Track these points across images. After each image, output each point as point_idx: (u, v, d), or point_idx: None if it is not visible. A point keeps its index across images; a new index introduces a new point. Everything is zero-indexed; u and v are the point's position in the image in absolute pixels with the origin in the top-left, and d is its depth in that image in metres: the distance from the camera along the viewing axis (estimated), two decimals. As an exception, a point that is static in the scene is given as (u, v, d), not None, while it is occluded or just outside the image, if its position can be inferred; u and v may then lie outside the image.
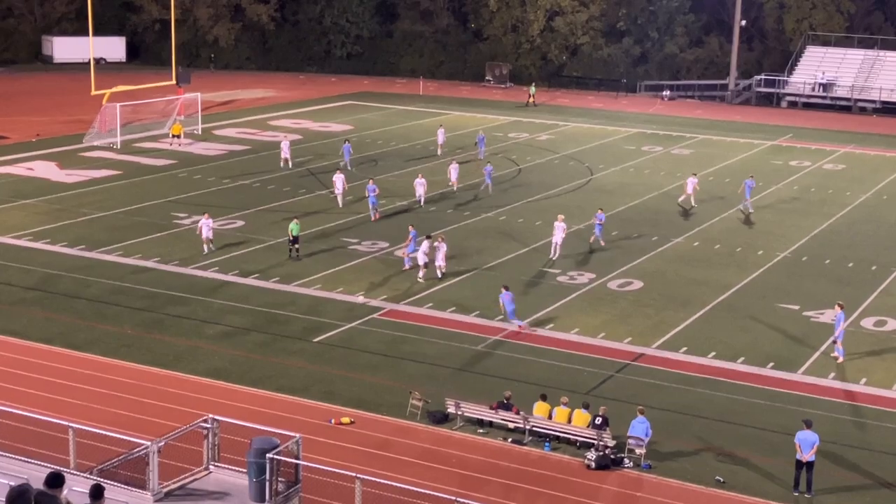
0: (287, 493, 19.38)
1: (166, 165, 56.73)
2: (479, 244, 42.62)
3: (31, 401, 26.22)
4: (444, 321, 34.13)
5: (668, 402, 28.45)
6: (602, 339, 32.93)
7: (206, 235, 40.29)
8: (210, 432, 20.36)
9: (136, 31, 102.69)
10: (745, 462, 25.37)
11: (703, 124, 76.63)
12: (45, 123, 67.60)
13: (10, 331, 32.19)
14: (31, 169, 55.03)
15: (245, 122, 71.44)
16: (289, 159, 55.95)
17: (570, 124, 74.62)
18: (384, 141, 65.34)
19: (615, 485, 24.28)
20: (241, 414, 24.06)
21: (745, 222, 47.82)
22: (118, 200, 48.41)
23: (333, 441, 25.46)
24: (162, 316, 33.99)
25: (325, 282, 37.37)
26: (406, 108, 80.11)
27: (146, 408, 26.87)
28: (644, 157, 63.31)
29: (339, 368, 30.17)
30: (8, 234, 42.48)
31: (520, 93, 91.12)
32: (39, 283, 36.87)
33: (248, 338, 32.03)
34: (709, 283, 38.86)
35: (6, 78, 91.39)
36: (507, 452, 25.63)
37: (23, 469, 18.58)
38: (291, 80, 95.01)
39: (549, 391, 27.46)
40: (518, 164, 59.78)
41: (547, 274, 39.19)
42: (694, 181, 50.75)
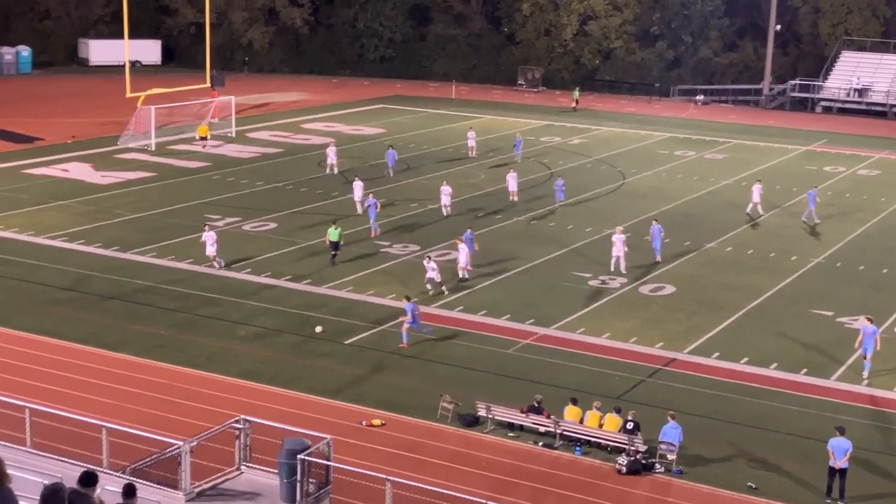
0: (318, 495, 19.44)
1: (200, 167, 57.07)
2: (510, 247, 42.58)
3: (65, 400, 26.44)
4: (474, 324, 34.12)
5: (699, 407, 28.31)
6: (633, 344, 32.81)
7: (209, 252, 38.64)
8: (242, 433, 20.47)
9: (172, 34, 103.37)
10: (777, 468, 25.21)
11: (736, 129, 76.22)
12: (81, 125, 68.17)
13: (45, 330, 32.48)
14: (66, 170, 55.51)
15: (278, 124, 71.75)
16: (335, 165, 55.45)
17: (602, 128, 74.43)
18: (416, 144, 65.43)
19: (646, 490, 24.19)
20: (272, 415, 24.15)
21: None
22: (152, 202, 48.74)
23: (364, 443, 25.52)
24: (195, 317, 34.19)
25: (356, 284, 37.46)
26: (438, 111, 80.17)
27: (178, 408, 27.04)
28: (677, 162, 63.05)
29: (369, 370, 30.24)
30: (43, 235, 42.88)
31: (551, 97, 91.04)
32: (74, 283, 37.18)
33: (279, 339, 32.16)
34: (742, 289, 38.64)
35: (43, 80, 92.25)
36: (538, 456, 25.59)
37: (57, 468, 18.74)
38: (325, 84, 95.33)
39: (579, 395, 27.39)
40: (550, 167, 59.68)
41: (578, 278, 39.10)
42: (759, 187, 49.80)
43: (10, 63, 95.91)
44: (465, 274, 38.08)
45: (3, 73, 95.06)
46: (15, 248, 41.05)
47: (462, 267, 38.06)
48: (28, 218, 45.51)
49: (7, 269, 38.43)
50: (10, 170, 55.24)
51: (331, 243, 39.65)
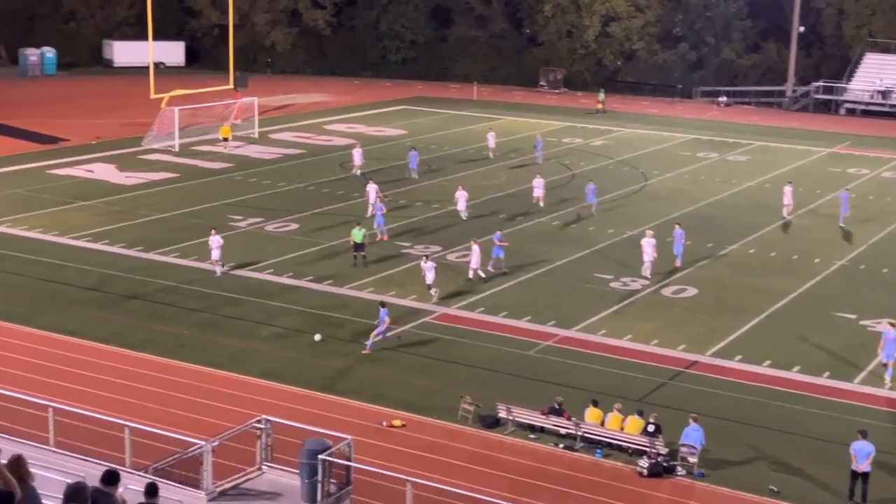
0: (338, 495, 19.49)
1: (223, 168, 57.29)
2: (532, 249, 42.54)
3: (88, 399, 26.60)
4: (495, 325, 34.12)
5: (721, 410, 28.22)
6: (655, 346, 32.74)
7: (214, 256, 38.20)
8: (263, 433, 20.55)
9: (195, 35, 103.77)
10: (800, 472, 25.10)
11: (759, 131, 75.90)
12: (105, 126, 68.55)
13: (68, 330, 32.68)
14: (90, 171, 55.82)
15: (301, 126, 71.93)
16: (359, 166, 55.35)
17: (624, 130, 74.27)
18: (437, 146, 65.46)
19: (667, 493, 24.13)
20: (293, 415, 24.22)
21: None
22: (175, 202, 48.97)
23: (384, 443, 25.56)
24: (217, 317, 34.33)
25: (377, 285, 37.51)
26: (460, 112, 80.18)
27: (201, 408, 27.15)
28: (699, 164, 62.85)
29: (390, 371, 30.28)
30: (68, 235, 43.14)
31: (573, 98, 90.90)
32: (98, 283, 37.39)
33: (301, 339, 32.24)
34: (764, 291, 38.48)
35: (67, 81, 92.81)
36: (559, 458, 25.57)
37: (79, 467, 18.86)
38: (347, 85, 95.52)
39: (600, 397, 27.36)
40: (571, 169, 59.61)
41: (600, 279, 39.04)
42: (790, 189, 49.35)
43: (35, 64, 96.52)
44: (476, 275, 38.01)
45: (29, 74, 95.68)
46: (39, 248, 41.31)
47: (474, 268, 38.06)
48: (52, 218, 45.80)
49: (32, 269, 38.68)
50: (36, 170, 55.61)
51: (355, 244, 39.70)
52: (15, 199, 49.17)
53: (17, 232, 43.59)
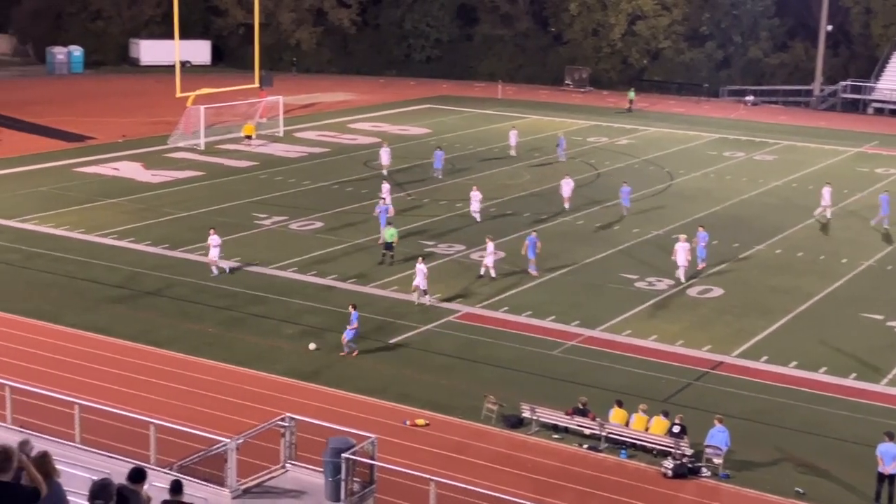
0: (362, 494, 19.51)
1: (248, 167, 57.46)
2: (556, 248, 42.43)
3: (114, 396, 26.73)
4: (519, 325, 34.07)
5: (747, 411, 28.07)
6: (681, 347, 32.60)
7: (211, 255, 37.94)
8: (287, 431, 20.60)
9: (221, 34, 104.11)
10: (826, 473, 24.94)
11: (786, 130, 75.46)
12: (132, 124, 68.89)
13: (96, 327, 32.86)
14: (116, 169, 56.11)
15: (325, 124, 72.05)
16: (387, 166, 55.25)
17: (650, 129, 74.01)
18: (462, 144, 65.42)
19: (692, 494, 24.03)
20: (317, 413, 24.27)
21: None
22: (201, 201, 49.15)
23: (408, 442, 25.56)
24: (242, 315, 34.43)
25: (401, 283, 37.52)
26: (484, 111, 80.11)
27: (225, 405, 27.24)
28: (726, 163, 62.56)
29: (414, 370, 30.29)
30: (94, 233, 43.37)
31: (599, 97, 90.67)
32: (124, 280, 37.58)
33: (325, 338, 32.28)
34: (791, 292, 38.26)
35: (94, 79, 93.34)
36: (583, 459, 25.50)
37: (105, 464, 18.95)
38: (371, 84, 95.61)
39: (625, 398, 27.27)
40: (596, 168, 59.46)
41: (625, 279, 38.91)
42: (829, 190, 48.84)
43: (63, 63, 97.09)
44: (489, 272, 37.97)
45: (56, 72, 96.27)
46: (66, 246, 41.56)
47: (488, 266, 38.01)
48: (79, 216, 46.07)
49: (59, 267, 38.92)
50: (62, 168, 55.95)
51: (385, 244, 39.73)
52: (42, 196, 49.50)
53: (44, 229, 43.87)
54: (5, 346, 30.94)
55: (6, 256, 40.09)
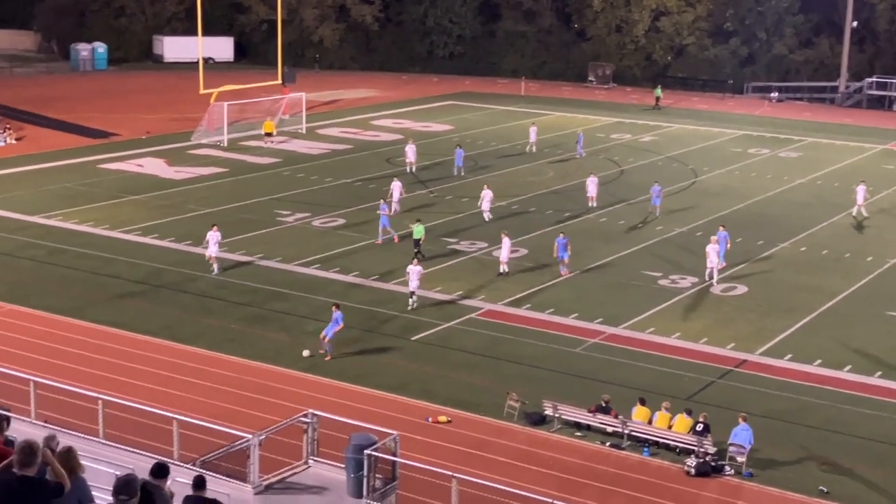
0: (384, 490, 19.48)
1: (271, 164, 57.58)
2: (578, 245, 42.28)
3: (137, 392, 26.83)
4: (542, 322, 33.99)
5: (771, 409, 27.92)
6: (704, 345, 32.45)
7: (210, 251, 37.99)
8: (310, 427, 20.59)
9: (244, 31, 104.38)
10: (850, 472, 24.77)
11: (811, 127, 75.02)
12: (155, 121, 69.16)
13: (118, 323, 32.99)
14: (140, 165, 56.33)
15: (348, 121, 72.13)
16: (413, 163, 55.36)
17: (674, 125, 73.73)
18: (485, 141, 65.36)
19: (715, 492, 23.91)
20: (339, 410, 24.26)
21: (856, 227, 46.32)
22: (224, 197, 49.27)
23: (430, 439, 25.54)
24: (264, 311, 34.50)
25: (423, 281, 37.46)
26: (507, 108, 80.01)
27: (248, 401, 27.29)
28: (750, 160, 62.25)
29: (436, 367, 30.27)
30: (118, 229, 43.55)
31: (622, 93, 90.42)
32: (147, 276, 37.72)
33: (347, 335, 32.25)
34: (815, 290, 38.03)
35: (118, 76, 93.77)
36: (605, 456, 25.42)
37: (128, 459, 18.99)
38: (394, 80, 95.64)
39: (648, 396, 27.17)
40: (620, 165, 59.27)
41: (648, 277, 38.77)
42: (864, 189, 48.47)
43: (86, 59, 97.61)
44: (505, 268, 37.95)
45: (80, 69, 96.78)
46: (90, 242, 41.75)
47: (503, 261, 37.97)
48: (103, 212, 46.27)
49: (82, 262, 39.11)
50: (86, 164, 56.22)
51: (414, 241, 39.74)
52: (66, 193, 49.75)
53: (68, 226, 44.09)
54: (29, 342, 31.11)
55: (31, 252, 40.32)
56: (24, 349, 30.33)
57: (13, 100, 73.71)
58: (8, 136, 61.95)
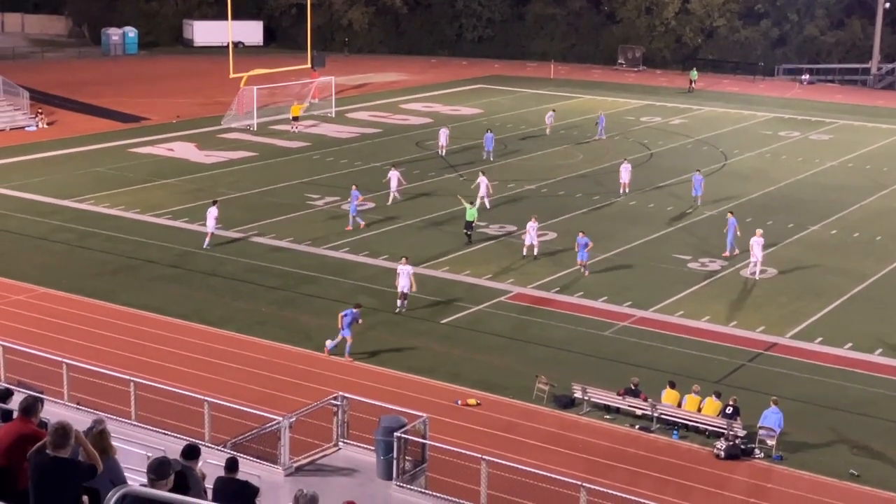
0: (413, 472, 19.59)
1: (300, 147, 57.72)
2: (607, 229, 42.23)
3: (168, 374, 27.04)
4: (571, 305, 33.97)
5: (801, 392, 27.81)
6: (734, 328, 32.34)
7: (209, 226, 38.95)
8: (340, 409, 20.71)
9: (274, 15, 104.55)
10: (881, 456, 24.66)
11: (843, 109, 74.39)
12: (185, 105, 69.45)
13: (150, 306, 33.24)
14: (171, 149, 56.63)
15: (377, 105, 72.16)
16: (444, 147, 55.29)
17: (704, 108, 73.29)
18: (514, 125, 65.22)
19: (745, 475, 23.87)
20: (369, 392, 24.37)
21: None
22: (254, 181, 49.45)
23: (459, 422, 25.62)
24: (295, 295, 34.66)
25: (452, 264, 37.55)
26: (537, 91, 79.77)
27: (278, 384, 27.46)
28: (781, 143, 61.82)
29: (465, 350, 30.33)
30: (149, 213, 43.83)
31: (652, 76, 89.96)
32: (178, 260, 37.96)
33: (376, 318, 32.39)
34: (846, 273, 37.79)
35: (148, 60, 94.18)
36: (635, 439, 25.42)
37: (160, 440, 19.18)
38: (423, 64, 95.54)
39: (677, 379, 27.13)
40: (650, 148, 59.02)
41: (678, 260, 38.65)
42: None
43: (117, 44, 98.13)
44: (532, 251, 37.87)
45: (111, 53, 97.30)
46: (121, 226, 42.05)
47: (528, 246, 37.89)
48: (134, 196, 46.58)
49: (114, 246, 39.40)
50: (117, 148, 56.57)
51: (466, 223, 39.75)
52: (98, 177, 50.10)
53: (100, 209, 44.40)
54: (61, 324, 31.42)
55: (63, 236, 40.66)
56: (56, 332, 30.63)
57: (45, 84, 74.20)
58: (40, 120, 62.41)
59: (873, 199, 48.41)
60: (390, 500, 18.75)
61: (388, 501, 18.67)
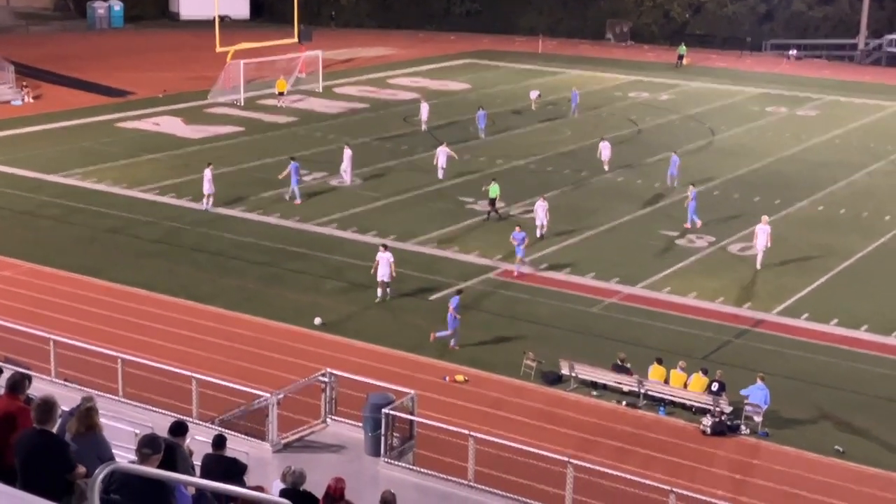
0: (401, 448, 19.66)
1: (288, 122, 57.51)
2: (595, 205, 42.27)
3: (156, 351, 27.02)
4: (558, 282, 34.01)
5: (787, 369, 27.95)
6: (721, 304, 32.44)
7: (206, 189, 40.52)
8: (328, 386, 20.75)
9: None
10: (866, 432, 24.83)
11: (830, 85, 74.41)
12: (172, 80, 69.05)
13: (137, 282, 33.17)
14: (157, 124, 56.37)
15: (365, 80, 71.86)
16: (425, 122, 55.16)
17: (691, 84, 73.23)
18: (503, 100, 65.06)
19: (731, 451, 24.01)
20: (357, 369, 24.40)
21: None
22: (241, 156, 49.29)
23: (447, 398, 25.68)
24: (282, 271, 34.62)
25: (440, 241, 37.55)
26: (525, 66, 79.54)
27: (266, 361, 27.46)
28: (768, 119, 61.84)
29: (454, 326, 30.31)
30: (135, 188, 43.67)
31: (640, 51, 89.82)
32: (165, 236, 37.87)
33: (364, 294, 32.39)
34: (832, 249, 37.91)
35: (134, 34, 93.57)
36: (621, 415, 25.53)
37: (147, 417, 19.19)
38: (411, 38, 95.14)
39: (664, 355, 27.25)
40: (637, 124, 58.99)
41: (665, 237, 38.71)
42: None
43: (103, 17, 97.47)
44: (542, 232, 37.86)
45: (96, 27, 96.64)
46: (108, 201, 41.89)
47: (539, 225, 37.86)
48: (120, 171, 46.38)
49: (100, 222, 39.26)
50: (103, 123, 56.28)
51: (490, 200, 39.69)
52: (84, 151, 49.86)
53: (86, 185, 44.22)
54: (48, 301, 31.33)
55: (49, 211, 40.49)
56: (43, 308, 30.56)
57: (30, 58, 73.67)
58: (25, 94, 62.03)
59: (860, 175, 48.53)
60: (378, 477, 18.81)
61: (376, 478, 18.73)
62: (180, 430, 13.40)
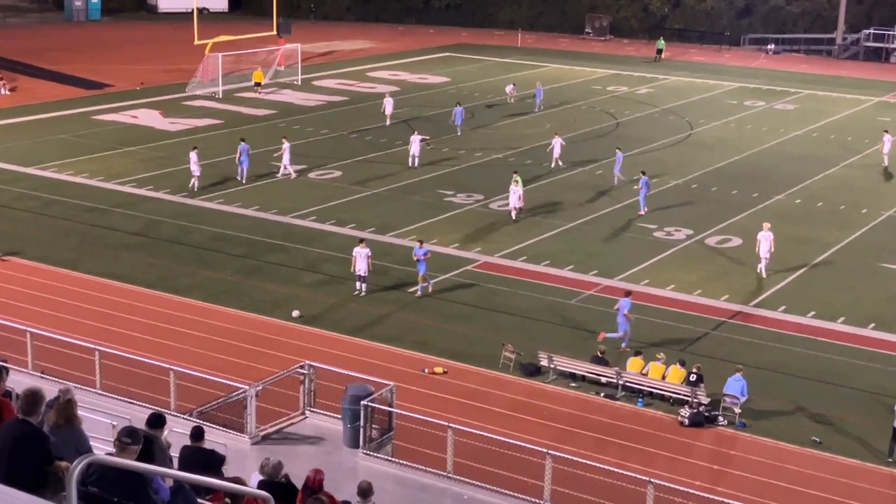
0: (380, 440, 19.69)
1: (266, 115, 57.35)
2: (574, 198, 42.35)
3: (134, 343, 26.94)
4: (537, 274, 34.08)
5: (764, 360, 28.10)
6: (698, 296, 32.58)
7: (193, 171, 41.81)
8: (306, 378, 20.76)
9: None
10: (843, 423, 24.99)
11: (808, 79, 74.72)
12: (150, 72, 68.76)
13: (115, 275, 33.05)
14: (135, 117, 56.11)
15: (344, 73, 71.74)
16: (388, 116, 55.16)
17: (670, 78, 73.39)
18: (481, 94, 65.07)
19: (709, 442, 24.13)
20: (336, 361, 24.39)
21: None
22: (219, 149, 49.04)
23: (426, 390, 25.71)
24: (261, 263, 34.55)
25: (420, 233, 37.51)
26: (504, 60, 79.57)
27: (244, 353, 27.42)
28: (746, 112, 62.07)
29: (432, 319, 30.38)
30: (113, 181, 43.48)
31: (619, 45, 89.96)
32: (143, 228, 37.73)
33: (343, 287, 32.38)
34: (810, 242, 38.12)
35: (112, 26, 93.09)
36: (600, 407, 25.62)
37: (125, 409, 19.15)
38: (390, 32, 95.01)
39: (642, 347, 27.35)
40: (616, 117, 59.11)
41: (643, 229, 38.83)
42: (890, 138, 48.31)
43: (80, 9, 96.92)
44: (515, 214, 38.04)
45: (74, 19, 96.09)
46: (85, 194, 41.70)
47: (513, 207, 38.01)
48: (98, 163, 46.16)
49: (78, 214, 39.08)
50: (81, 115, 55.99)
51: None
52: (61, 144, 49.60)
53: (63, 177, 44.00)
54: (25, 293, 31.18)
55: (26, 203, 40.28)
56: (20, 300, 30.41)
57: (7, 50, 73.21)
58: (2, 87, 61.62)
59: (837, 169, 48.78)
60: (357, 468, 18.83)
61: (355, 469, 18.74)
62: (158, 422, 13.37)
